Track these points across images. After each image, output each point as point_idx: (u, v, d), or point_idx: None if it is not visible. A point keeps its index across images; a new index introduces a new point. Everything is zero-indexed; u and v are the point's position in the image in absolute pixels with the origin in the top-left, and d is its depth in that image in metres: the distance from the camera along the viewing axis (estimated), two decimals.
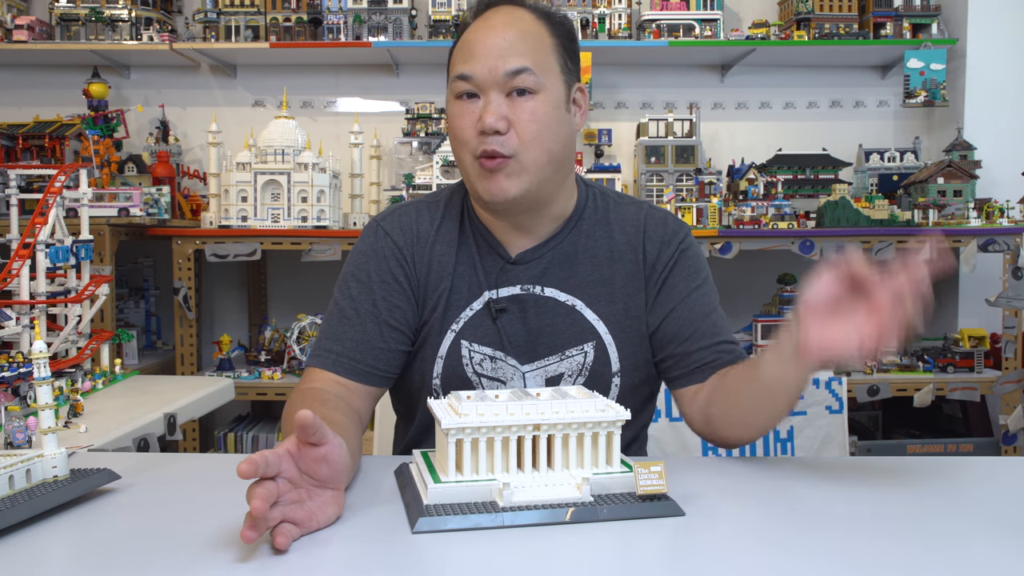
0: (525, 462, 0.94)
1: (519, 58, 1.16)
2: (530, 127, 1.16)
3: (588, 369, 1.25)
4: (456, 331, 1.24)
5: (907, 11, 3.25)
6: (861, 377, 2.93)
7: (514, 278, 1.26)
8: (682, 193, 3.19)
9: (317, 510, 0.84)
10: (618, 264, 1.27)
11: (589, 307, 1.25)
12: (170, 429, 1.80)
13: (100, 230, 2.60)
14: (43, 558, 0.80)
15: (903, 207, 3.09)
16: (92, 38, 3.19)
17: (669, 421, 2.16)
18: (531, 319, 1.24)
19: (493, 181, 1.16)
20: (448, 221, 1.29)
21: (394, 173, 3.36)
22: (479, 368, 1.24)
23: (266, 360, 3.02)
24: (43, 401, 0.94)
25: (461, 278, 1.25)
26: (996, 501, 0.97)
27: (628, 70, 3.47)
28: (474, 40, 1.18)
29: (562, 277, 1.26)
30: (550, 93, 1.18)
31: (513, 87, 1.16)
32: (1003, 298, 2.56)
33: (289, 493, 0.82)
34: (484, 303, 1.24)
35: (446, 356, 1.24)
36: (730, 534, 0.85)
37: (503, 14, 1.20)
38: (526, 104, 1.16)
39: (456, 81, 1.18)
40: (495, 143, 1.14)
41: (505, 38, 1.17)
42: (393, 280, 1.24)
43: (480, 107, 1.16)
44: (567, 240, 1.27)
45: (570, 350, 1.24)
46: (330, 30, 3.19)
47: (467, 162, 1.19)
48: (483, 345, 1.24)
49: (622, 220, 1.30)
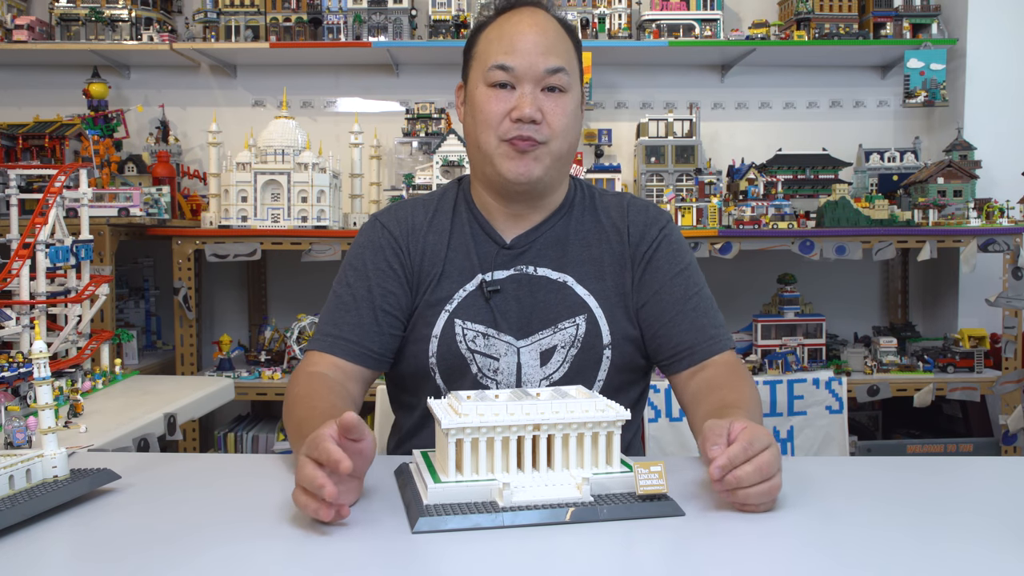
0: (525, 462, 0.94)
1: (557, 58, 1.28)
2: (561, 120, 1.28)
3: (580, 341, 1.30)
4: (450, 311, 1.31)
5: (907, 11, 3.25)
6: (861, 377, 2.93)
7: (509, 261, 1.34)
8: (682, 193, 3.19)
9: (344, 497, 0.87)
10: (605, 244, 1.36)
11: (580, 283, 1.33)
12: (170, 429, 1.80)
13: (100, 230, 2.60)
14: (43, 558, 0.80)
15: (903, 207, 3.09)
16: (92, 38, 3.19)
17: (669, 421, 2.17)
18: (524, 297, 1.32)
19: (521, 161, 1.27)
20: (441, 214, 1.38)
21: (394, 173, 3.36)
22: (472, 344, 1.30)
23: (266, 360, 3.02)
24: (43, 401, 0.94)
25: (453, 263, 1.33)
26: (996, 501, 0.97)
27: (628, 70, 3.47)
28: (515, 34, 1.27)
29: (554, 257, 1.34)
30: (575, 93, 1.31)
31: (548, 84, 1.27)
32: (1003, 298, 2.56)
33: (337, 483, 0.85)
34: (477, 284, 1.32)
35: (440, 335, 1.30)
36: (730, 534, 0.85)
37: (535, 15, 1.30)
38: (559, 100, 1.28)
39: (493, 70, 1.27)
40: (531, 130, 1.25)
41: (545, 38, 1.28)
42: (388, 268, 1.33)
43: (516, 97, 1.26)
44: (559, 225, 1.37)
45: (562, 323, 1.31)
46: (330, 30, 3.19)
47: (491, 144, 1.28)
48: (476, 323, 1.30)
49: (607, 207, 1.40)
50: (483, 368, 1.29)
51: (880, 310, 3.57)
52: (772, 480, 0.91)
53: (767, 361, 2.87)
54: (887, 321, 3.52)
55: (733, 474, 0.89)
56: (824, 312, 3.05)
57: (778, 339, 2.95)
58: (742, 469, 0.89)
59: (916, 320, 3.45)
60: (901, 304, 3.51)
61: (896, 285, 3.52)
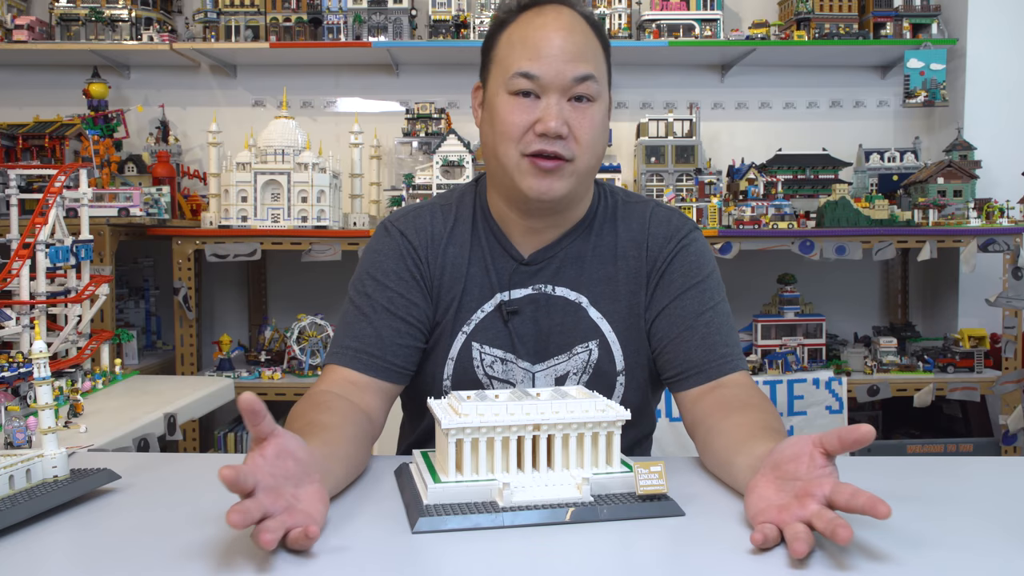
0: (525, 462, 0.94)
1: (586, 65, 1.17)
2: (589, 134, 1.18)
3: (592, 367, 1.25)
4: (467, 333, 1.25)
5: (907, 11, 3.25)
6: (861, 377, 2.93)
7: (527, 279, 1.26)
8: (682, 193, 3.19)
9: (311, 509, 0.82)
10: (622, 262, 1.27)
11: (594, 305, 1.25)
12: (170, 429, 1.80)
13: (100, 230, 2.60)
14: (43, 558, 0.80)
15: (903, 207, 3.09)
16: (92, 38, 3.19)
17: (669, 421, 2.16)
18: (542, 319, 1.25)
19: (545, 180, 1.17)
20: (460, 223, 1.29)
21: (394, 173, 3.36)
22: (489, 371, 1.24)
23: (266, 360, 3.02)
24: (43, 401, 0.94)
25: (473, 280, 1.25)
26: (996, 501, 0.96)
27: (628, 70, 3.47)
28: (540, 38, 1.16)
29: (572, 275, 1.26)
30: (604, 102, 1.21)
31: (575, 93, 1.17)
32: (1003, 298, 2.56)
33: (275, 502, 0.79)
34: (496, 305, 1.25)
35: (456, 358, 1.25)
36: (730, 534, 0.85)
37: (561, 14, 1.19)
38: (587, 111, 1.18)
39: (516, 78, 1.16)
40: (558, 146, 1.15)
41: (574, 42, 1.16)
42: (410, 277, 1.24)
43: (540, 108, 1.16)
44: (578, 240, 1.28)
45: (576, 347, 1.25)
46: (330, 30, 3.19)
47: (512, 158, 1.18)
48: (494, 347, 1.24)
49: (628, 218, 1.30)
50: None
51: (880, 310, 3.57)
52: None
53: (767, 361, 2.87)
54: (887, 321, 3.52)
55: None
56: (824, 312, 3.05)
57: (778, 339, 2.95)
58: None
59: (916, 320, 3.45)
60: (901, 304, 3.51)
61: (896, 285, 3.52)
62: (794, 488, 0.83)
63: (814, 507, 0.79)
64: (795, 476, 0.84)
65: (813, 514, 0.78)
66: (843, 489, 0.78)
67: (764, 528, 0.79)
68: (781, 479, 0.85)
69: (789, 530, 0.77)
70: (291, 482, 0.83)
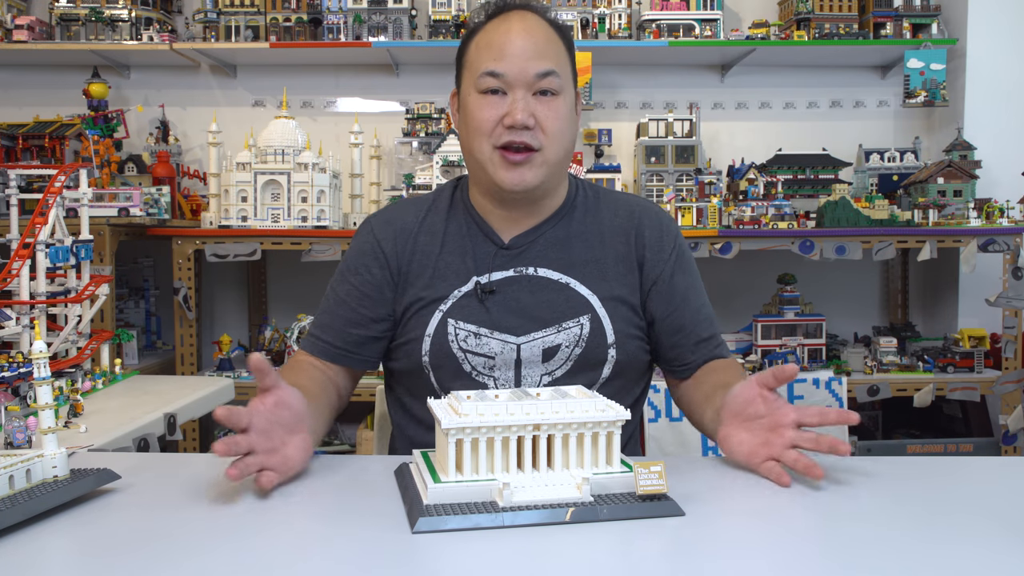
0: (525, 462, 0.94)
1: (547, 61, 1.27)
2: (555, 124, 1.27)
3: (585, 340, 1.31)
4: (444, 311, 1.32)
5: (907, 11, 3.25)
6: (861, 377, 2.93)
7: (507, 262, 1.34)
8: (682, 193, 3.19)
9: (291, 455, 1.01)
10: (609, 246, 1.36)
11: (583, 284, 1.33)
12: (170, 429, 1.80)
13: (100, 230, 2.60)
14: (43, 558, 0.80)
15: (903, 207, 3.09)
16: (92, 38, 3.19)
17: (669, 421, 2.17)
18: (524, 297, 1.32)
19: (516, 171, 1.27)
20: (433, 215, 1.39)
21: (394, 173, 3.36)
22: (463, 344, 1.31)
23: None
24: (43, 401, 0.94)
25: (448, 265, 1.34)
26: (996, 501, 0.97)
27: (628, 70, 3.47)
28: (504, 41, 1.27)
29: (555, 258, 1.35)
30: (567, 96, 1.31)
31: (539, 88, 1.27)
32: (1003, 298, 2.56)
33: (263, 443, 0.97)
34: (473, 285, 1.32)
35: (433, 334, 1.32)
36: (730, 534, 0.85)
37: (525, 19, 1.29)
38: (552, 103, 1.28)
39: (484, 77, 1.27)
40: (526, 136, 1.25)
41: (535, 42, 1.27)
42: (367, 272, 1.36)
43: (507, 103, 1.26)
44: (559, 226, 1.37)
45: (567, 322, 1.31)
46: (330, 30, 3.19)
47: (485, 152, 1.28)
48: (468, 323, 1.31)
49: (613, 206, 1.40)
50: (477, 366, 1.30)
51: (880, 310, 3.57)
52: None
53: (767, 361, 2.87)
54: (887, 321, 3.52)
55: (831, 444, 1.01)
56: (824, 312, 3.05)
57: (778, 339, 2.95)
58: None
59: (916, 320, 3.45)
60: (901, 304, 3.51)
61: (896, 285, 3.52)
62: (762, 424, 1.06)
63: (790, 433, 1.03)
64: (758, 415, 1.07)
65: (793, 438, 1.03)
66: (807, 411, 1.04)
67: (771, 469, 1.02)
68: (748, 421, 1.08)
69: (786, 457, 1.02)
70: (285, 429, 1.02)
